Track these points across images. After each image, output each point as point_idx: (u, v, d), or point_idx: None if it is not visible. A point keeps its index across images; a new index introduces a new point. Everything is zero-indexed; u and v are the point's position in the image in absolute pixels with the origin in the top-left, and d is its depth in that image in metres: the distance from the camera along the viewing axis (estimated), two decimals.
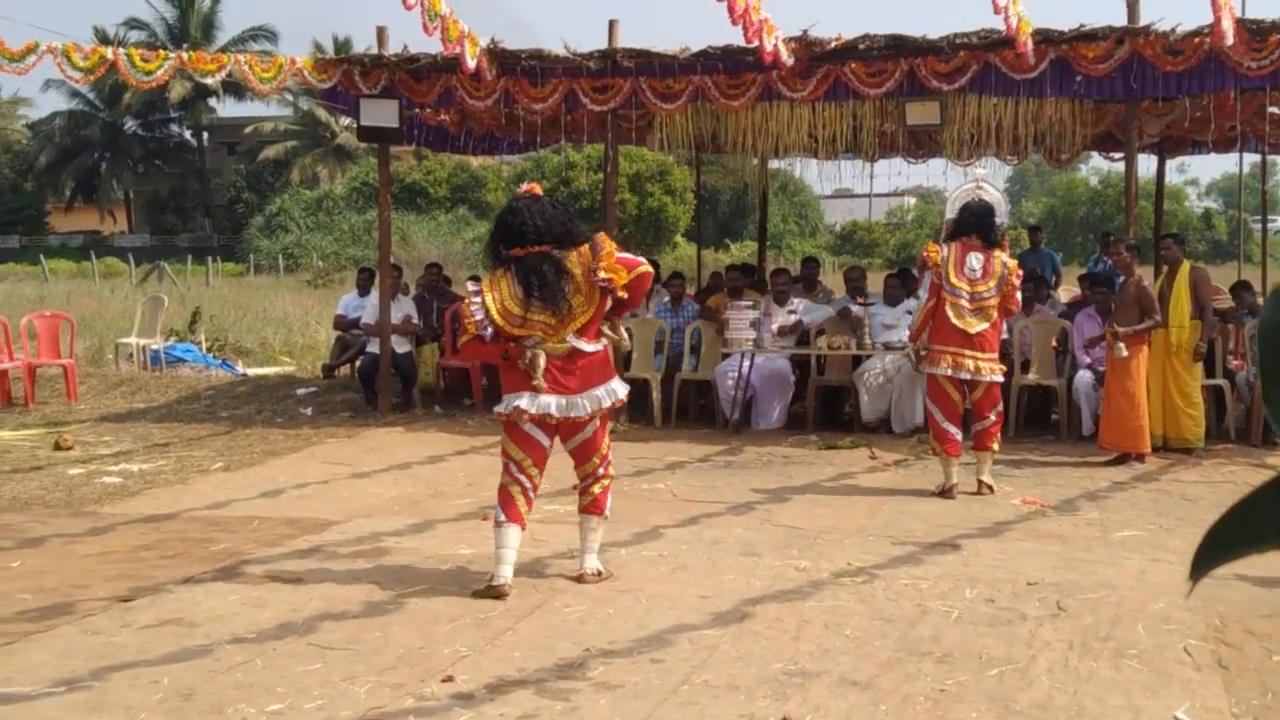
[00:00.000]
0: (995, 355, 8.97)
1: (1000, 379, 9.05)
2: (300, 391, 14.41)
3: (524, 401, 6.37)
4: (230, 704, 4.84)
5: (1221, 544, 0.97)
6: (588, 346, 6.44)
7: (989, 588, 6.49)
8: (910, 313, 12.29)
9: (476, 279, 6.71)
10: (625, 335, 6.66)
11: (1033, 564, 6.97)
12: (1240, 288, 13.12)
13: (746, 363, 12.01)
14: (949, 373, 8.82)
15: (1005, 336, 10.63)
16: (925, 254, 9.14)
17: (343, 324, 14.89)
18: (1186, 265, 10.84)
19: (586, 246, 6.39)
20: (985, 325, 8.84)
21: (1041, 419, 12.05)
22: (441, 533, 7.87)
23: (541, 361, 6.32)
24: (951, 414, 8.92)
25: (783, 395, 12.45)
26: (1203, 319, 10.59)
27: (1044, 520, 8.21)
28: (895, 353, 11.76)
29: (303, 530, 7.92)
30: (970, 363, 8.80)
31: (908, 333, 11.97)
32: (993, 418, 8.98)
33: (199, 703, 4.87)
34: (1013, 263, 9.01)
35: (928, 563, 7.04)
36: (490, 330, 6.38)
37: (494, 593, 6.30)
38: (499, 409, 6.56)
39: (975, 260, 8.84)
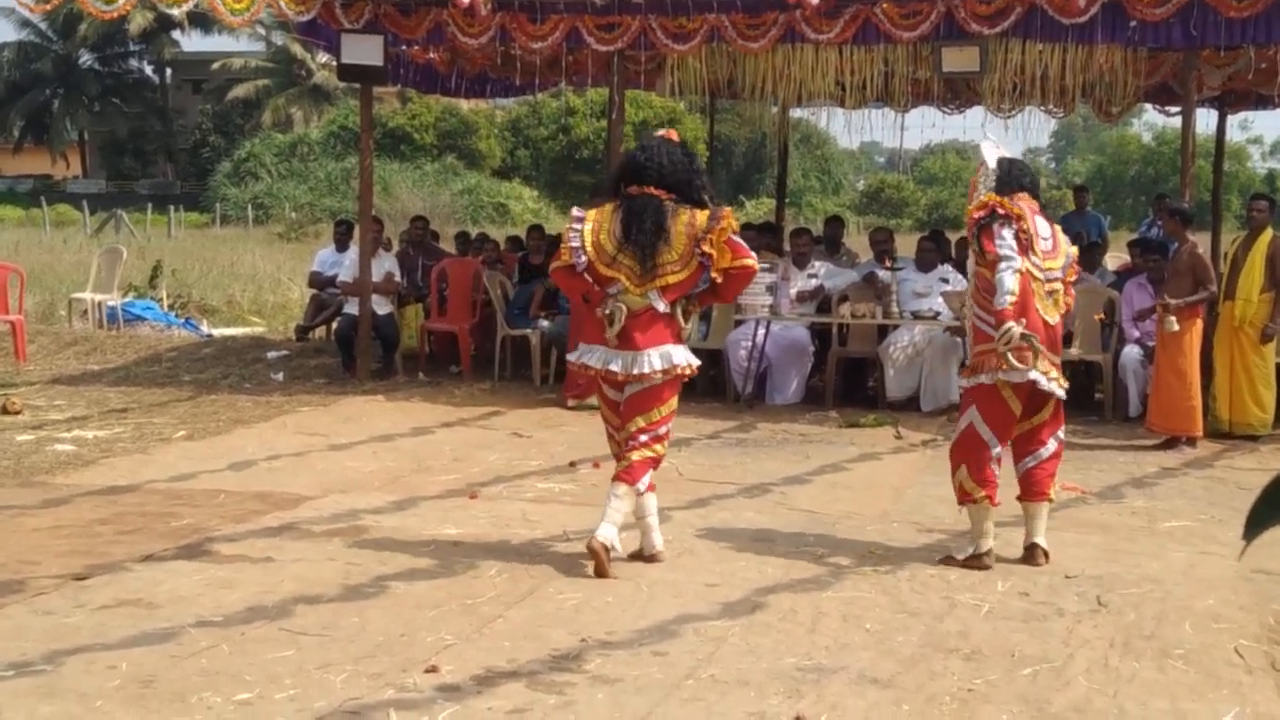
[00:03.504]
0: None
1: (1063, 394, 6.90)
2: (271, 355, 14.43)
3: (593, 359, 6.69)
4: (194, 692, 4.87)
5: (1276, 502, 0.99)
6: (665, 309, 6.65)
7: (1023, 580, 6.53)
8: (945, 280, 12.23)
9: (581, 209, 6.98)
10: (689, 327, 6.88)
11: (1071, 555, 6.99)
12: None
13: (761, 331, 12.03)
14: (1039, 379, 6.67)
15: None
16: (995, 204, 6.73)
17: (318, 282, 14.91)
18: (1268, 234, 10.68)
19: (704, 214, 6.62)
20: (1059, 315, 6.92)
21: (1085, 398, 12.05)
22: (425, 511, 7.91)
23: (620, 316, 6.57)
24: (1004, 446, 6.87)
25: (800, 367, 12.47)
26: (1276, 294, 10.48)
27: (1085, 508, 8.24)
28: (925, 323, 11.75)
29: (274, 506, 7.95)
30: (1048, 366, 6.73)
31: (940, 301, 11.88)
32: (1053, 446, 6.94)
33: (160, 690, 4.90)
34: (1074, 249, 7.15)
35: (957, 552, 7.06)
36: (584, 260, 6.67)
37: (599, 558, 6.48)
38: (570, 356, 7.07)
39: (1044, 228, 6.86)
